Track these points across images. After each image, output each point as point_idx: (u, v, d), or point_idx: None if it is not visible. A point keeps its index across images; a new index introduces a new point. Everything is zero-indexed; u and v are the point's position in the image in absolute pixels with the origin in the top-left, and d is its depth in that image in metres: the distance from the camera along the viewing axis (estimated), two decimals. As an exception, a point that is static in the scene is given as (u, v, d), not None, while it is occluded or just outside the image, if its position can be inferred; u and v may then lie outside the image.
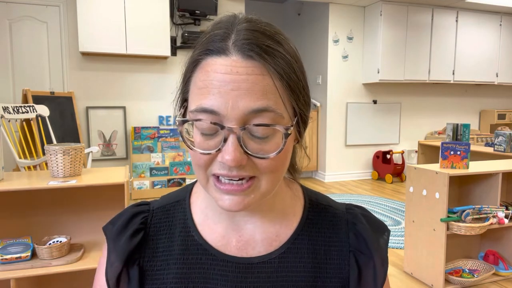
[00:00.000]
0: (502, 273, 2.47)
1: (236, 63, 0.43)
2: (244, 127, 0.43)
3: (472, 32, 5.77)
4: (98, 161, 4.53)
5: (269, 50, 0.44)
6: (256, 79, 0.43)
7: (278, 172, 0.47)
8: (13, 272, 1.44)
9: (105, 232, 0.57)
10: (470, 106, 6.48)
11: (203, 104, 0.43)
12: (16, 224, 1.65)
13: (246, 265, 0.52)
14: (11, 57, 4.25)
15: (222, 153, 0.44)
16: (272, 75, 0.44)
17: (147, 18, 4.33)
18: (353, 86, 5.59)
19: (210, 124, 0.44)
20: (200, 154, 0.45)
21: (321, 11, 5.51)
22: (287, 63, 0.45)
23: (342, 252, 0.55)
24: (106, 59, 4.52)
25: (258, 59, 0.43)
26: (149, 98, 4.75)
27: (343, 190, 5.05)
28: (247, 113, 0.43)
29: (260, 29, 0.46)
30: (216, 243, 0.53)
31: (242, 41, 0.44)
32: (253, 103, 0.43)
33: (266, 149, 0.45)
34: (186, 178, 4.52)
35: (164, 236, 0.55)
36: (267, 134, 0.44)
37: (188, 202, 0.57)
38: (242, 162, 0.44)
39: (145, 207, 0.58)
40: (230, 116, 0.43)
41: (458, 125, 3.56)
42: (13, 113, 3.00)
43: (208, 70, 0.44)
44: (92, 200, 1.73)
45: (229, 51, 0.44)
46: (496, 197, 2.36)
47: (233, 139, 0.43)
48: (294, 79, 0.46)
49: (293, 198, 0.58)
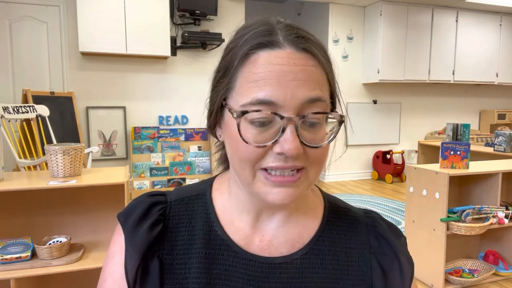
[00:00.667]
0: (502, 273, 2.47)
1: (292, 55, 0.45)
2: (303, 116, 0.44)
3: (472, 32, 5.77)
4: (98, 161, 4.53)
5: (320, 47, 0.47)
6: (311, 70, 0.45)
7: (324, 163, 0.48)
8: (13, 272, 1.44)
9: (120, 221, 0.55)
10: (470, 106, 6.47)
11: (260, 96, 0.44)
12: (16, 224, 1.65)
13: (269, 264, 0.52)
14: (11, 57, 4.25)
15: (281, 143, 0.44)
16: (323, 68, 0.47)
17: (147, 18, 4.33)
18: (353, 86, 5.59)
19: (268, 115, 0.44)
20: (254, 148, 0.45)
21: (321, 11, 5.51)
22: (328, 58, 0.49)
23: (363, 254, 0.55)
24: (106, 59, 4.52)
25: (310, 51, 0.46)
26: (149, 98, 4.75)
27: (343, 190, 5.04)
28: (304, 102, 0.44)
29: (298, 27, 0.48)
30: (239, 241, 0.53)
31: (293, 35, 0.46)
32: (310, 92, 0.44)
33: (318, 139, 0.46)
34: (186, 178, 4.52)
35: (184, 229, 0.54)
36: (318, 123, 0.46)
37: (209, 197, 0.56)
38: (300, 151, 0.44)
39: (162, 198, 0.56)
40: (288, 106, 0.43)
41: (458, 125, 3.56)
42: (13, 113, 3.00)
43: (262, 63, 0.45)
44: (92, 200, 1.73)
45: (283, 44, 0.45)
46: (496, 197, 2.36)
47: (292, 128, 0.43)
48: (333, 73, 0.50)
49: (314, 200, 0.58)
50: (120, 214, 0.56)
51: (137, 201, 0.56)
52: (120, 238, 0.53)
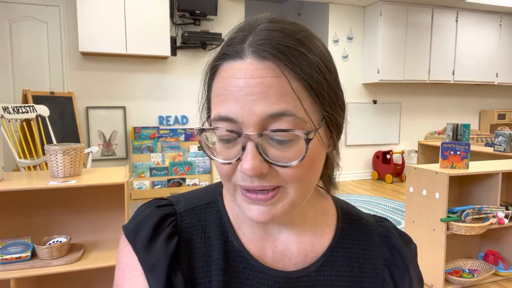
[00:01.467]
0: (502, 273, 2.47)
1: (251, 65, 0.41)
2: (261, 134, 0.40)
3: (472, 32, 5.77)
4: (98, 161, 4.53)
5: (286, 50, 0.41)
6: (271, 82, 0.40)
7: (306, 181, 0.44)
8: (13, 272, 1.44)
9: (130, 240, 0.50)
10: (470, 106, 6.48)
11: (221, 112, 0.41)
12: (16, 224, 1.65)
13: (285, 279, 0.50)
14: (11, 57, 4.25)
15: (242, 162, 0.41)
16: (288, 76, 0.40)
17: (147, 18, 4.33)
18: (353, 86, 5.59)
19: (228, 132, 0.41)
20: (221, 164, 0.43)
21: (321, 11, 5.51)
22: (309, 63, 0.42)
23: (377, 265, 0.53)
24: (106, 59, 4.52)
25: (272, 59, 0.40)
26: (149, 98, 4.75)
27: (343, 190, 5.04)
28: (265, 118, 0.40)
29: (279, 28, 0.43)
30: (254, 252, 0.51)
31: (257, 42, 0.41)
32: (270, 107, 0.40)
33: (288, 156, 0.41)
34: (186, 178, 4.52)
35: (199, 241, 0.51)
36: (288, 140, 0.41)
37: (222, 205, 0.54)
38: (262, 170, 0.41)
39: (171, 209, 0.52)
40: (247, 123, 0.40)
41: (458, 125, 3.56)
42: (13, 113, 3.00)
43: (224, 76, 0.42)
44: (92, 200, 1.73)
45: (244, 53, 0.41)
46: (496, 197, 2.36)
47: (251, 147, 0.40)
48: (317, 79, 0.42)
49: (326, 208, 0.56)
50: (127, 230, 0.51)
51: (144, 214, 0.52)
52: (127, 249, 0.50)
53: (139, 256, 0.48)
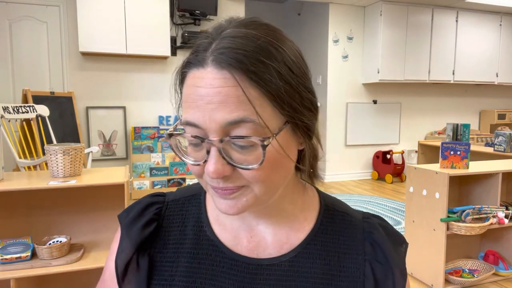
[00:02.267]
0: (502, 273, 2.47)
1: (211, 74, 0.42)
2: (222, 140, 0.43)
3: (472, 32, 5.77)
4: (98, 161, 4.53)
5: (244, 58, 0.41)
6: (229, 91, 0.42)
7: (268, 182, 0.45)
8: (13, 272, 1.44)
9: (119, 219, 0.58)
10: (470, 106, 6.48)
11: (187, 118, 0.44)
12: (16, 224, 1.65)
13: (255, 265, 0.52)
14: (11, 57, 4.25)
15: (207, 165, 0.44)
16: (243, 85, 0.41)
17: (147, 18, 4.33)
18: (353, 86, 5.59)
19: (190, 138, 0.45)
20: (192, 165, 0.46)
21: (321, 11, 5.51)
22: (267, 69, 0.42)
23: (357, 261, 0.53)
24: (106, 59, 4.52)
25: (229, 69, 0.41)
26: (149, 98, 4.75)
27: (343, 190, 5.04)
28: (225, 125, 0.42)
29: (242, 34, 0.43)
30: (227, 241, 0.54)
31: (218, 50, 0.42)
32: (228, 115, 0.42)
33: (249, 160, 0.43)
34: (186, 178, 4.52)
35: (177, 228, 0.56)
36: (248, 145, 0.43)
37: (203, 198, 0.58)
38: (225, 173, 0.43)
39: (161, 198, 0.59)
40: (210, 129, 0.43)
41: (458, 125, 3.56)
42: (13, 113, 3.00)
43: (189, 84, 0.44)
44: (92, 200, 1.73)
45: (206, 62, 0.43)
46: (496, 197, 2.36)
47: (214, 151, 0.43)
48: (276, 84, 0.43)
49: (307, 203, 0.56)
50: (120, 213, 0.59)
51: (137, 201, 0.59)
52: (119, 236, 0.57)
53: (122, 234, 0.56)
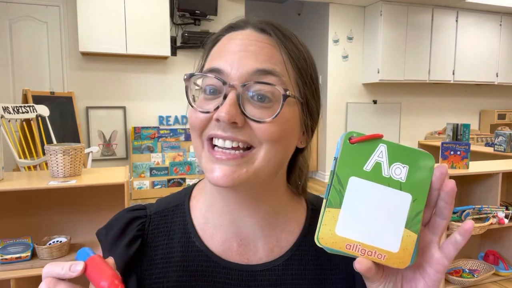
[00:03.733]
0: (502, 273, 2.47)
1: (249, 33, 0.47)
2: (244, 84, 0.43)
3: (472, 32, 5.77)
4: (98, 161, 4.53)
5: (282, 31, 0.48)
6: (264, 46, 0.46)
7: (277, 144, 0.45)
8: (13, 272, 1.44)
9: (99, 239, 0.54)
10: (470, 106, 6.47)
11: (211, 65, 0.46)
12: (16, 224, 1.65)
13: (249, 272, 0.51)
14: (11, 57, 4.25)
15: (219, 109, 0.43)
16: (280, 48, 0.46)
17: (147, 18, 4.33)
18: (353, 86, 5.59)
19: (214, 80, 0.45)
20: (198, 113, 0.46)
21: (321, 11, 5.51)
22: (297, 48, 0.48)
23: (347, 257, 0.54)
24: (106, 59, 4.52)
25: (269, 32, 0.47)
26: (149, 98, 4.75)
27: (343, 190, 5.04)
28: (251, 73, 0.44)
29: (274, 21, 0.49)
30: (217, 248, 0.52)
31: (257, 21, 0.48)
32: (259, 64, 0.44)
33: (264, 115, 0.44)
34: (186, 178, 4.52)
35: (163, 242, 0.53)
36: (267, 101, 0.44)
37: (187, 207, 0.55)
38: (237, 119, 0.43)
39: (142, 212, 0.55)
40: (233, 75, 0.44)
41: (458, 125, 3.56)
42: (13, 113, 3.00)
43: (224, 41, 0.48)
44: (92, 200, 1.73)
45: (246, 27, 0.48)
46: (496, 197, 2.36)
47: (232, 95, 0.43)
48: (302, 63, 0.48)
49: (295, 205, 0.56)
50: (99, 231, 0.55)
51: (116, 217, 0.55)
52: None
53: (105, 255, 0.51)
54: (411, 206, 0.38)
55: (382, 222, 0.39)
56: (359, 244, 0.39)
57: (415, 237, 0.38)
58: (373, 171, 0.39)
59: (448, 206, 0.38)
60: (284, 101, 0.44)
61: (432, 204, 0.39)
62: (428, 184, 0.38)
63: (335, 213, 0.39)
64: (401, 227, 0.38)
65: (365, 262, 0.38)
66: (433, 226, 0.40)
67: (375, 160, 0.39)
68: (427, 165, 0.39)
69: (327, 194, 0.39)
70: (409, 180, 0.39)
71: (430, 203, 0.39)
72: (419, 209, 0.38)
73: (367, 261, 0.38)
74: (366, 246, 0.39)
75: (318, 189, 5.05)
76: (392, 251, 0.38)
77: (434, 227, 0.40)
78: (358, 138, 0.40)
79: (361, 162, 0.39)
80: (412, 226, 0.38)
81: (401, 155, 0.40)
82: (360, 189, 0.39)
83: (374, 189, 0.39)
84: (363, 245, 0.39)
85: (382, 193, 0.39)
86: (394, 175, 0.39)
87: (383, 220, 0.39)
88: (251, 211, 0.52)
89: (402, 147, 0.40)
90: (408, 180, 0.39)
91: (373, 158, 0.39)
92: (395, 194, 0.39)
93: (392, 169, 0.39)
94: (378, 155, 0.40)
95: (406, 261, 0.38)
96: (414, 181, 0.39)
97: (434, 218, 0.40)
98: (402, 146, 0.40)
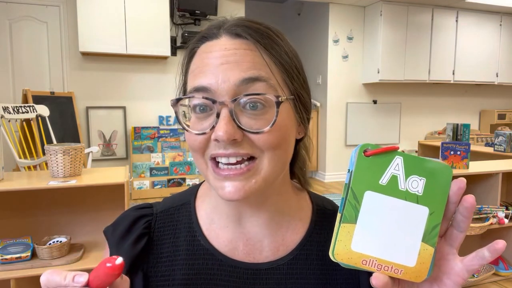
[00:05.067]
0: (502, 273, 2.47)
1: (225, 42, 0.45)
2: (235, 99, 0.43)
3: (472, 32, 5.77)
4: (98, 161, 4.53)
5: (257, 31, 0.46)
6: (244, 53, 0.44)
7: (279, 150, 0.45)
8: (13, 272, 1.44)
9: (106, 236, 0.55)
10: (470, 106, 6.47)
11: (196, 83, 0.45)
12: (16, 224, 1.65)
13: (254, 271, 0.51)
14: (11, 57, 4.25)
15: (215, 129, 0.43)
16: (260, 50, 0.45)
17: (147, 18, 4.33)
18: (353, 86, 5.59)
19: (203, 100, 0.44)
20: (195, 136, 0.45)
21: (321, 11, 5.51)
22: (277, 44, 0.46)
23: None
24: (106, 59, 4.52)
25: (245, 36, 0.45)
26: (149, 98, 4.75)
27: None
28: (238, 83, 0.43)
29: (250, 19, 0.48)
30: (223, 247, 0.52)
31: (231, 24, 0.47)
32: (244, 73, 0.43)
33: (260, 124, 0.44)
34: (186, 178, 4.52)
35: (169, 240, 0.53)
36: (260, 108, 0.44)
37: (193, 206, 0.56)
38: (235, 136, 0.42)
39: (148, 210, 0.56)
40: (221, 90, 0.43)
41: (458, 125, 3.56)
42: (13, 113, 3.00)
43: (202, 55, 0.46)
44: (92, 200, 1.73)
45: (220, 34, 0.46)
46: (496, 197, 2.36)
47: (225, 113, 0.42)
48: (285, 58, 0.47)
49: (300, 203, 0.57)
50: (106, 228, 0.56)
51: (123, 215, 0.55)
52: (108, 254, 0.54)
53: (110, 252, 0.52)
54: (428, 220, 0.38)
55: (399, 236, 0.38)
56: (375, 259, 0.38)
57: (432, 250, 0.38)
58: (389, 184, 0.38)
59: (466, 220, 0.38)
60: (278, 107, 0.44)
61: (449, 216, 0.39)
62: (446, 197, 0.38)
63: (351, 229, 0.38)
64: (418, 241, 0.38)
65: (382, 278, 0.37)
66: (450, 238, 0.39)
67: (391, 173, 0.39)
68: (444, 177, 0.38)
69: (342, 208, 0.38)
70: (426, 193, 0.38)
71: (447, 215, 0.39)
72: (436, 222, 0.38)
73: (384, 276, 0.37)
74: (383, 261, 0.38)
75: (318, 189, 5.05)
76: (409, 265, 0.38)
77: (451, 239, 0.39)
78: (373, 151, 0.39)
79: (376, 176, 0.38)
80: (429, 239, 0.38)
81: (417, 168, 0.39)
82: (376, 204, 0.38)
83: (391, 203, 0.38)
84: (379, 260, 0.38)
85: (398, 207, 0.38)
86: (411, 188, 0.38)
87: (399, 234, 0.38)
88: (257, 211, 0.52)
89: (419, 159, 0.39)
90: (425, 193, 0.38)
91: (389, 171, 0.39)
92: (412, 208, 0.38)
93: (409, 182, 0.38)
94: (394, 167, 0.39)
95: (423, 275, 0.38)
96: (431, 194, 0.38)
97: (451, 230, 0.39)
98: (418, 158, 0.39)
